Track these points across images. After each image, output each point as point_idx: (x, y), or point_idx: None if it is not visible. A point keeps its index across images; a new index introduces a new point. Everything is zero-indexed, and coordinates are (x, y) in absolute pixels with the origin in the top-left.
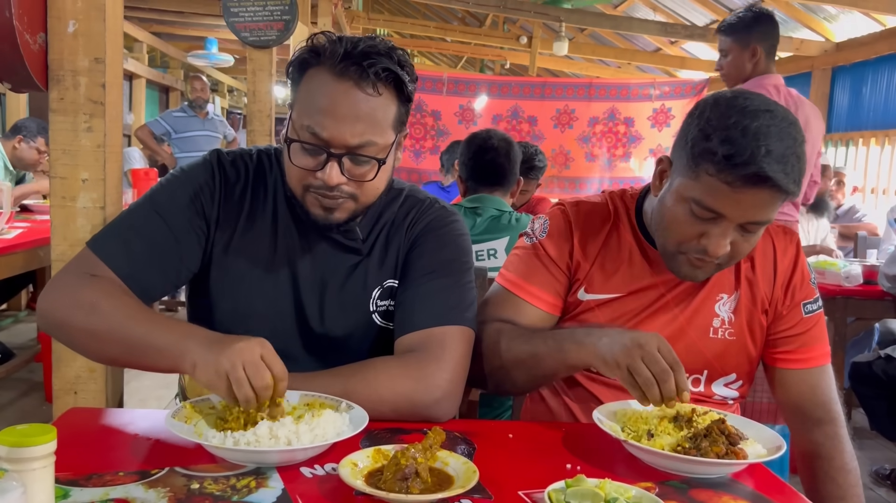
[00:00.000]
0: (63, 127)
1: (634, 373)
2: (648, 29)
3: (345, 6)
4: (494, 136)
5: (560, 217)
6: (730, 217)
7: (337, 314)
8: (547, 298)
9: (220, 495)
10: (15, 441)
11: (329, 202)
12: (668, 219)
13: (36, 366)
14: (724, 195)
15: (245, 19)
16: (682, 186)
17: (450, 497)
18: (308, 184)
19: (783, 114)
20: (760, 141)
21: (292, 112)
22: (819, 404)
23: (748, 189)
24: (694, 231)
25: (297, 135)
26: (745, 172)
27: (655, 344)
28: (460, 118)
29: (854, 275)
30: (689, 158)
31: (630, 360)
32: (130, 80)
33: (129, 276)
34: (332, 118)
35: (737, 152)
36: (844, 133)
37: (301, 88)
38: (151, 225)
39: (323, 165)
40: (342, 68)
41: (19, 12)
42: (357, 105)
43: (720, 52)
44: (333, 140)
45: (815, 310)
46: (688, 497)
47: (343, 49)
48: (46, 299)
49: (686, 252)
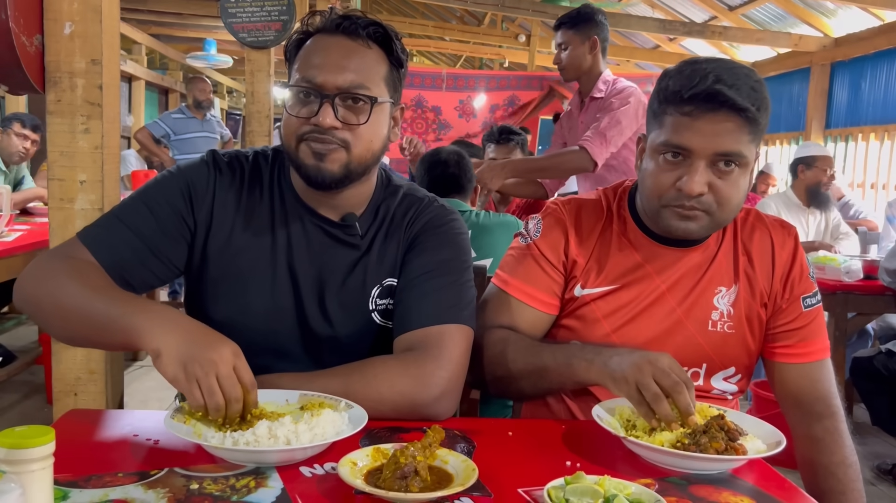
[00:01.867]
0: (60, 129)
1: (642, 389)
2: (647, 26)
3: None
4: (444, 152)
5: (554, 216)
6: (697, 151)
7: (336, 313)
8: (544, 298)
9: (220, 495)
10: (13, 443)
11: (320, 146)
12: (646, 177)
13: (37, 369)
14: (686, 127)
15: (243, 20)
16: (651, 141)
17: (449, 495)
18: (302, 133)
19: (736, 62)
20: (710, 71)
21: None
22: (819, 398)
23: (707, 115)
24: (669, 178)
25: (290, 87)
26: (698, 92)
27: (666, 362)
28: (460, 112)
29: (854, 271)
30: (654, 114)
31: (639, 376)
32: (129, 81)
33: (112, 266)
34: (323, 64)
35: (688, 83)
36: (843, 128)
37: (299, 57)
38: (139, 217)
39: (317, 111)
40: (334, 28)
41: (15, 14)
42: (349, 53)
43: (559, 47)
44: (326, 84)
45: (815, 304)
46: (688, 493)
47: (335, 15)
48: (23, 276)
49: (668, 204)
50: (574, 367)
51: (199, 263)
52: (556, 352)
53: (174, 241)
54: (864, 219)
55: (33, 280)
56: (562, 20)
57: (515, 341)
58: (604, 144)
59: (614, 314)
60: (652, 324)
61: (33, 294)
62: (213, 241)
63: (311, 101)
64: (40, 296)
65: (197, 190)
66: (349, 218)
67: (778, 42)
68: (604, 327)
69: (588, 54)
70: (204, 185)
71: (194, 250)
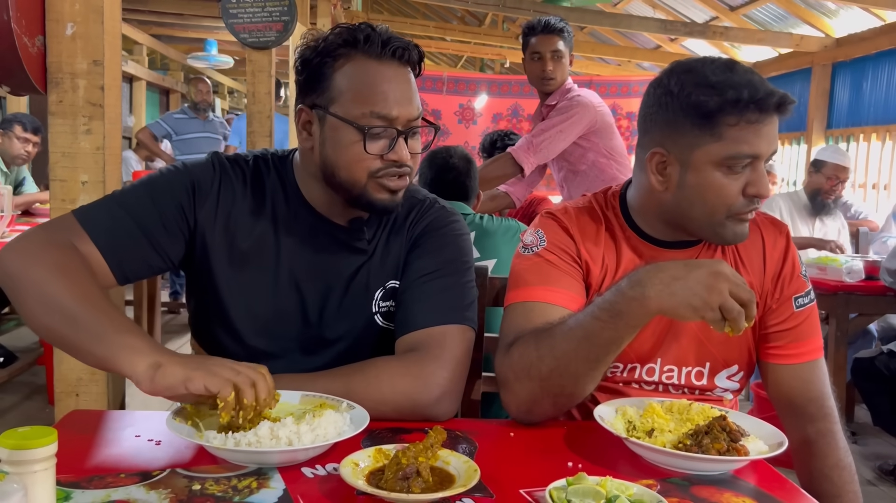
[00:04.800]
0: (62, 129)
1: (726, 312)
2: (648, 26)
3: (344, 6)
4: (455, 155)
5: (554, 224)
6: (762, 154)
7: (340, 316)
8: (574, 297)
9: (222, 496)
10: (15, 443)
11: (399, 183)
12: (706, 193)
13: (39, 370)
14: (754, 135)
15: (244, 21)
16: (705, 155)
17: (451, 496)
18: (375, 169)
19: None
20: (746, 74)
21: (331, 105)
22: (812, 399)
23: (767, 118)
24: (737, 188)
25: (359, 122)
26: (762, 99)
27: (729, 271)
28: (460, 117)
29: (856, 271)
30: (699, 127)
31: (721, 299)
32: (131, 82)
33: (107, 248)
34: (394, 98)
35: (749, 90)
36: (845, 129)
37: (337, 80)
38: (140, 205)
39: (391, 146)
40: (381, 53)
41: (17, 15)
42: (407, 81)
43: (555, 55)
44: (400, 118)
45: (807, 304)
46: (689, 494)
47: (378, 36)
48: (12, 246)
49: (737, 212)
50: (624, 315)
51: (202, 267)
52: (587, 314)
53: (173, 235)
54: (864, 219)
55: (24, 257)
56: (558, 28)
57: (533, 335)
58: (531, 150)
59: None
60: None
61: (21, 272)
62: (215, 243)
63: (383, 136)
64: (28, 277)
65: (202, 188)
66: (358, 223)
67: (779, 42)
68: None
69: (569, 66)
70: (208, 185)
71: (193, 248)
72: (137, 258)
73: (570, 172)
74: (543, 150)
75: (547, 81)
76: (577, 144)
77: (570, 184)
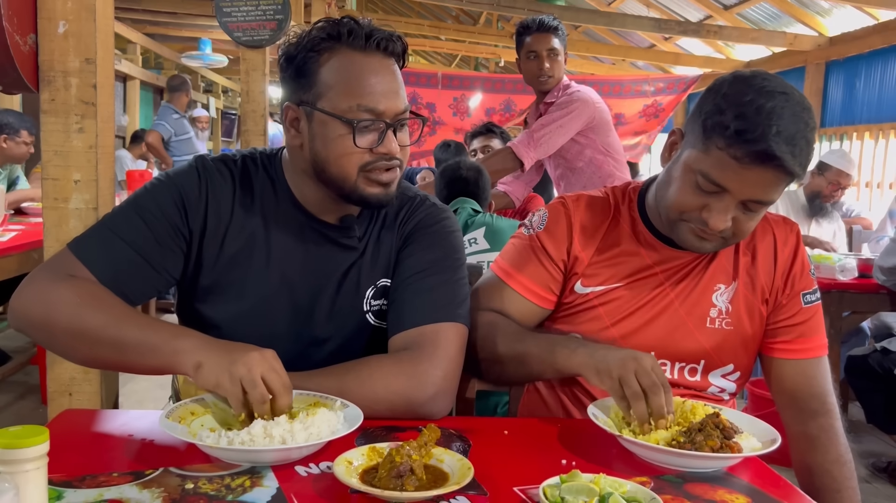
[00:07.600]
0: (54, 128)
1: (624, 385)
2: (642, 25)
3: (338, 5)
4: (463, 167)
5: (559, 211)
6: (733, 192)
7: (331, 315)
8: (538, 291)
9: (215, 495)
10: (7, 443)
11: (390, 175)
12: (673, 187)
13: (32, 369)
14: (731, 170)
15: (238, 19)
16: (690, 157)
17: (445, 494)
18: (365, 163)
19: (798, 98)
20: (773, 120)
21: (318, 101)
22: (814, 395)
23: (755, 166)
24: (697, 202)
25: (347, 116)
26: (755, 149)
27: (649, 362)
28: (455, 110)
29: (849, 269)
30: (701, 131)
31: (623, 372)
32: (124, 81)
33: (110, 280)
34: (381, 91)
35: (748, 128)
36: (838, 127)
37: (323, 74)
38: (134, 229)
39: (380, 139)
40: (365, 45)
41: (9, 13)
42: (393, 73)
43: (551, 53)
44: (388, 111)
45: (814, 301)
46: (683, 491)
47: (361, 29)
48: (24, 297)
49: (688, 220)
50: (556, 355)
51: (193, 269)
52: (540, 339)
53: (170, 251)
54: (856, 216)
55: (43, 305)
56: (552, 25)
57: (504, 326)
58: (531, 144)
59: (616, 311)
60: (653, 321)
61: (46, 320)
62: (207, 247)
63: (372, 129)
64: (56, 322)
65: (190, 199)
66: (348, 220)
67: (773, 41)
68: (604, 322)
69: (564, 63)
70: (196, 194)
71: (189, 259)
72: (140, 281)
73: (567, 169)
74: (543, 144)
75: (544, 80)
76: (574, 141)
77: (566, 181)
